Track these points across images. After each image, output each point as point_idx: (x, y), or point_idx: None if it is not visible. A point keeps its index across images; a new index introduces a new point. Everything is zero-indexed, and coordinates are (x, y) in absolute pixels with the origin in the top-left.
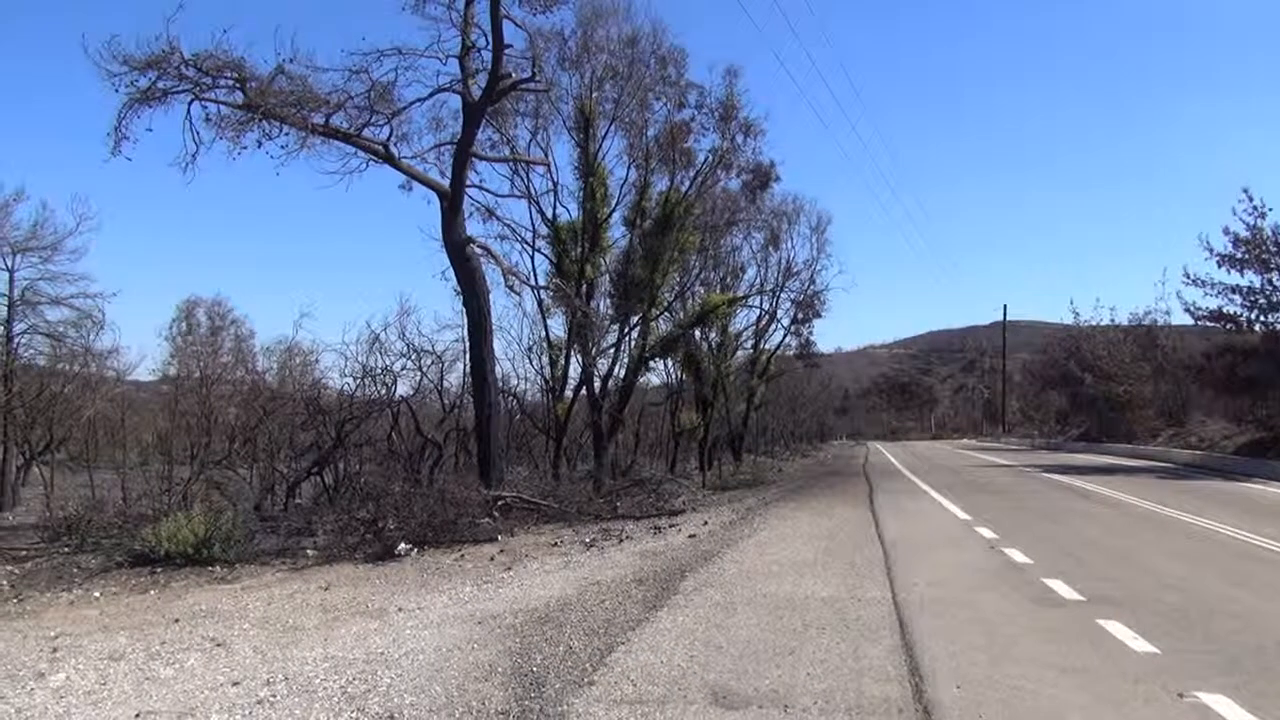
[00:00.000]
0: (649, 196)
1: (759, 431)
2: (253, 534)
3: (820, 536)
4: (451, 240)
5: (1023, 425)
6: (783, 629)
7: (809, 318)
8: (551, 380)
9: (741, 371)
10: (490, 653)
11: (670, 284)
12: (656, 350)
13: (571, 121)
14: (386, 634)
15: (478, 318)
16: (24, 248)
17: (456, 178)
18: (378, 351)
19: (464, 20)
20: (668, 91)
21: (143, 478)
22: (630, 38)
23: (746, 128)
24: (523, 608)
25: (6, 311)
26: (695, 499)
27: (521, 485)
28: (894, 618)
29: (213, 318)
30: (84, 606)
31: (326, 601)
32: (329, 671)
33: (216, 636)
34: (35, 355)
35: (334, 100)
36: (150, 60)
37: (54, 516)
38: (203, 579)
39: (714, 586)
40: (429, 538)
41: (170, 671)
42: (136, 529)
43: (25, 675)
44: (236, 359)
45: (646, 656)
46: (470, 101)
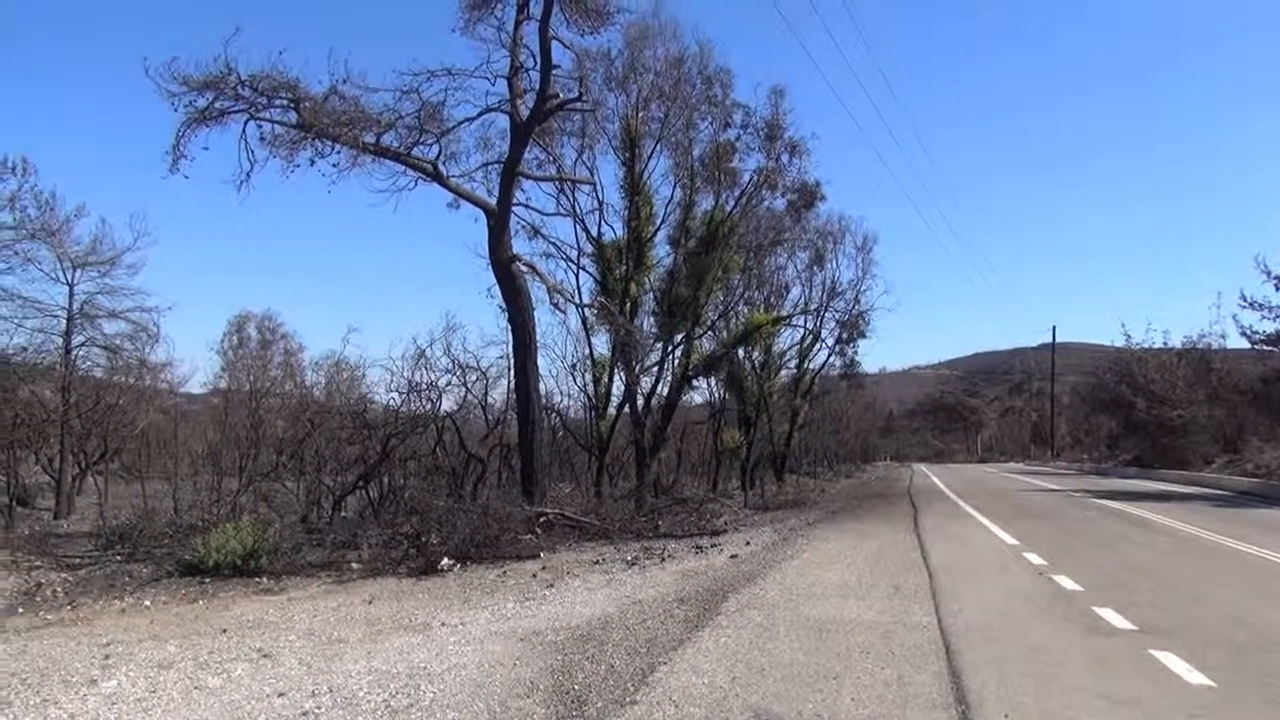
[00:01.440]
0: (693, 215)
1: (802, 452)
2: (299, 546)
3: (864, 559)
4: (498, 258)
5: (1072, 449)
6: (826, 652)
7: (853, 338)
8: (595, 398)
9: (785, 391)
10: (532, 670)
11: (714, 303)
12: (700, 369)
13: (617, 141)
14: (429, 648)
15: (523, 335)
16: (84, 262)
17: (503, 196)
18: (423, 367)
19: (513, 41)
20: (713, 111)
21: (193, 488)
22: (677, 58)
23: (792, 147)
24: (564, 625)
25: (66, 324)
26: (737, 519)
27: (564, 502)
28: (940, 643)
29: (263, 332)
30: (135, 615)
31: (370, 615)
32: (372, 685)
33: (263, 647)
34: (92, 367)
35: (385, 120)
36: (208, 81)
37: (107, 525)
38: (250, 590)
39: (756, 608)
40: (472, 553)
41: (218, 681)
42: (186, 539)
43: (78, 681)
44: (285, 373)
45: (689, 677)
46: (518, 121)
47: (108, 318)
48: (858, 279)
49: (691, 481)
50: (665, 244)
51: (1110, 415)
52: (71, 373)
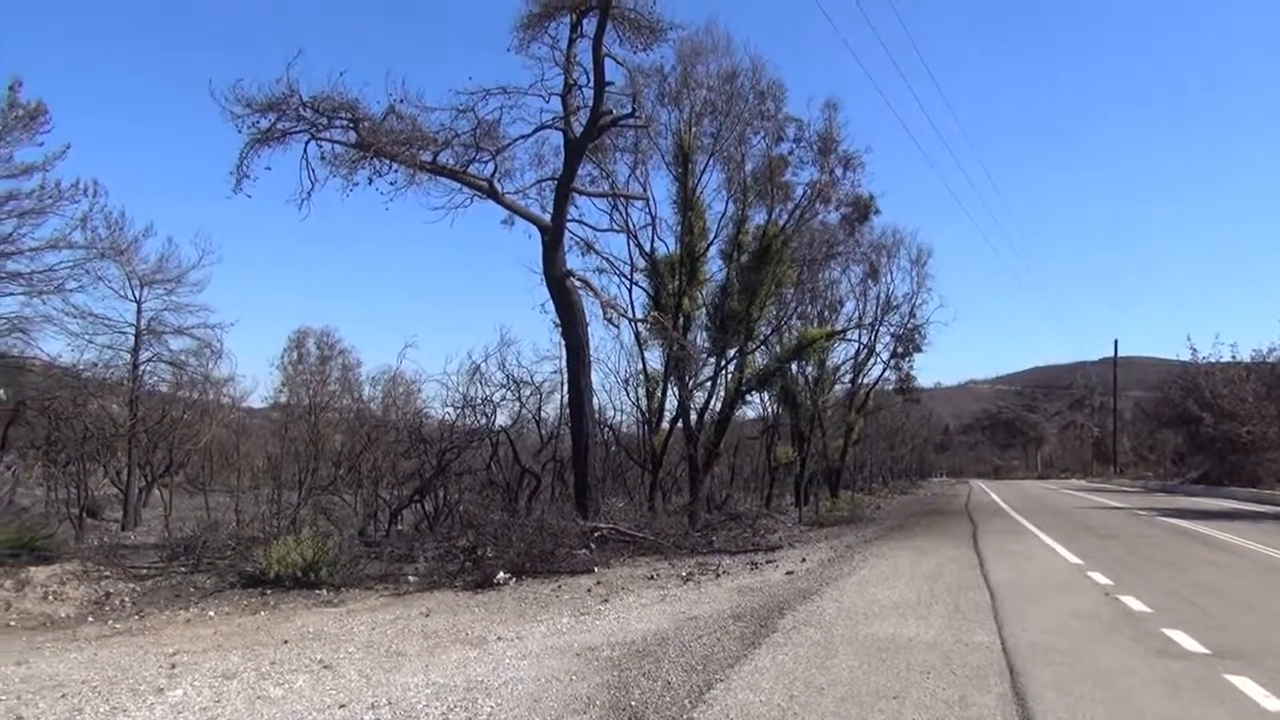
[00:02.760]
0: (746, 230)
1: (856, 467)
2: (357, 559)
3: (923, 577)
4: (552, 274)
5: (1136, 466)
6: (886, 672)
7: (909, 352)
8: (648, 412)
9: (839, 406)
10: (588, 685)
11: (767, 317)
12: (753, 384)
13: (670, 156)
14: (486, 662)
15: (576, 350)
16: (151, 280)
17: (557, 212)
18: (478, 382)
19: (566, 59)
20: (766, 125)
21: (254, 501)
22: (729, 73)
23: (846, 161)
24: (620, 640)
25: (134, 340)
26: (792, 535)
27: (618, 517)
28: (1003, 664)
29: (322, 347)
30: (200, 625)
31: (428, 628)
32: (431, 698)
33: (323, 659)
34: (158, 382)
35: (441, 138)
36: (271, 102)
37: (172, 537)
38: (310, 601)
39: (813, 625)
40: (527, 567)
41: (280, 692)
42: (248, 551)
43: (145, 690)
44: (343, 388)
45: (745, 695)
46: (572, 138)
47: (173, 334)
48: (913, 292)
49: (745, 497)
50: (718, 259)
51: (1176, 431)
52: (139, 388)
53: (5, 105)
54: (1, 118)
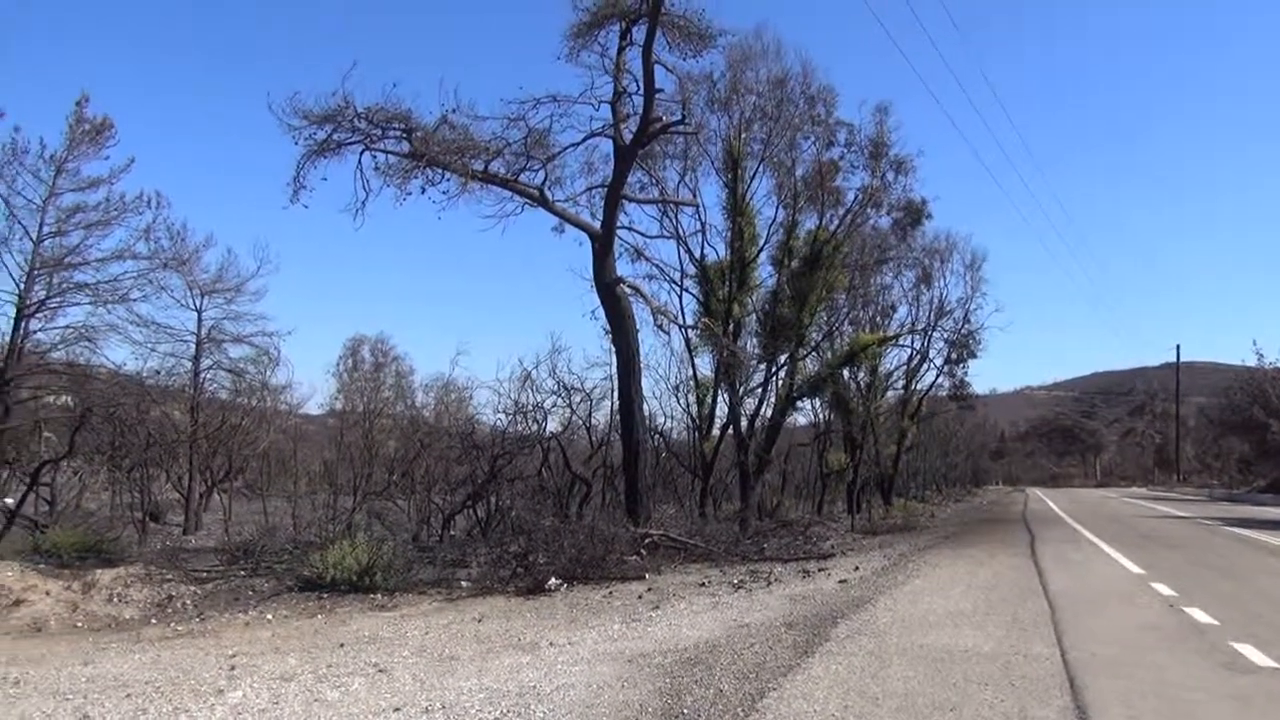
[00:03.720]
0: (797, 235)
1: (909, 475)
2: (411, 564)
3: (979, 587)
4: (602, 280)
5: (1199, 474)
6: (942, 683)
7: (963, 358)
8: (698, 419)
9: (892, 412)
10: (640, 692)
11: (818, 323)
12: (804, 390)
13: (720, 162)
14: (538, 668)
15: (626, 356)
16: (211, 289)
17: (607, 220)
18: (529, 388)
19: (616, 67)
20: (816, 130)
21: (310, 506)
22: (779, 78)
23: (897, 165)
24: (671, 648)
25: (195, 349)
26: (844, 543)
27: (668, 523)
28: (1064, 676)
29: (376, 355)
30: (258, 628)
31: (480, 633)
32: (484, 703)
33: (378, 662)
34: (218, 389)
35: (493, 147)
36: (327, 114)
37: (232, 541)
38: (365, 606)
39: (867, 635)
40: (578, 573)
41: (336, 694)
42: (305, 555)
43: (206, 691)
44: (397, 394)
45: (799, 704)
46: (621, 145)
47: (233, 342)
48: (967, 297)
49: (796, 504)
50: (768, 264)
51: (1241, 438)
52: (199, 395)
53: (72, 120)
54: (69, 132)
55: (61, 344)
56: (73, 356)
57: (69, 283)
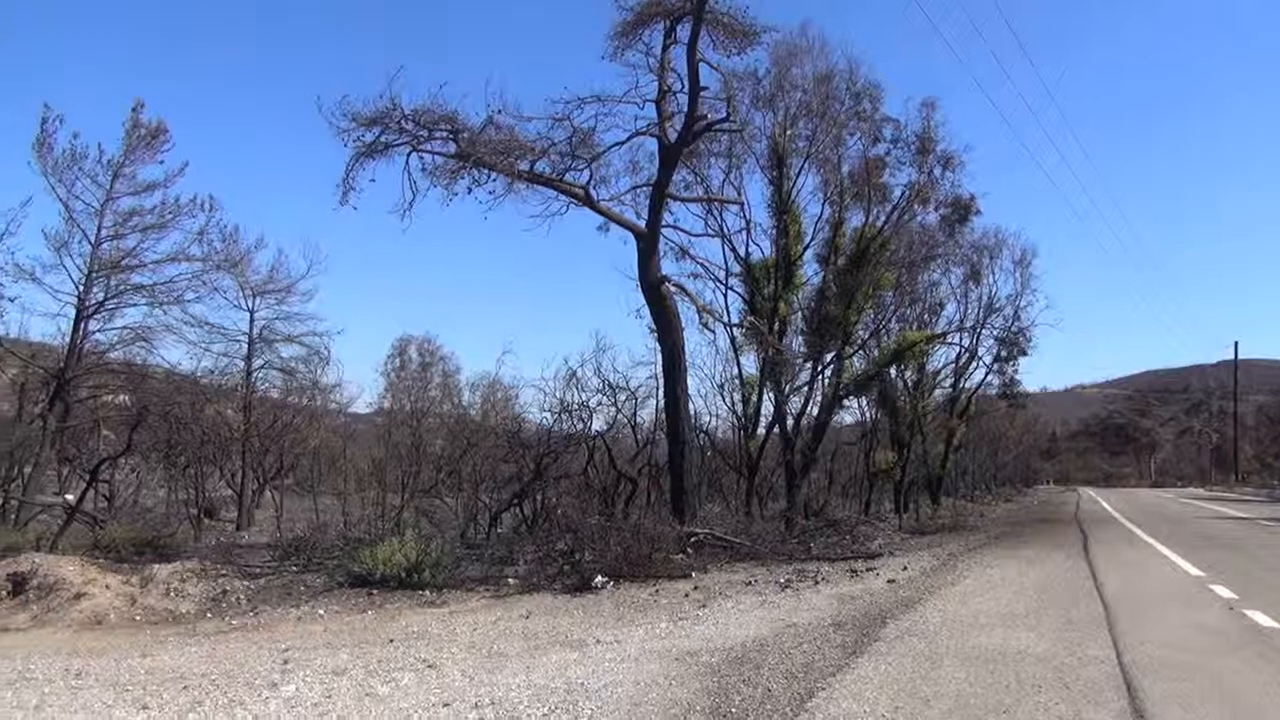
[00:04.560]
0: (843, 233)
1: (958, 474)
2: (458, 561)
3: (1031, 587)
4: (647, 280)
5: (1259, 474)
6: (994, 685)
7: (1013, 355)
8: (744, 417)
9: (940, 411)
10: (688, 690)
11: (865, 321)
12: (850, 388)
13: (765, 160)
14: (586, 665)
15: (672, 355)
16: (263, 290)
17: (652, 219)
18: (574, 387)
19: (661, 66)
20: (862, 127)
21: (360, 503)
22: (825, 75)
23: (945, 161)
24: (719, 646)
25: (247, 348)
26: (892, 542)
27: (714, 522)
28: (1120, 680)
29: (423, 354)
30: (310, 623)
31: (528, 629)
32: (532, 699)
33: (428, 658)
34: (270, 388)
35: (538, 147)
36: (375, 116)
37: (283, 538)
38: (414, 602)
39: (917, 635)
40: (624, 571)
41: (387, 689)
42: (355, 552)
43: (261, 685)
44: (444, 393)
45: (849, 704)
46: (666, 144)
47: (284, 342)
48: (1016, 294)
49: (842, 503)
50: (814, 262)
51: None
52: (252, 393)
53: (129, 126)
54: (125, 137)
55: (119, 344)
56: (130, 356)
57: (126, 285)
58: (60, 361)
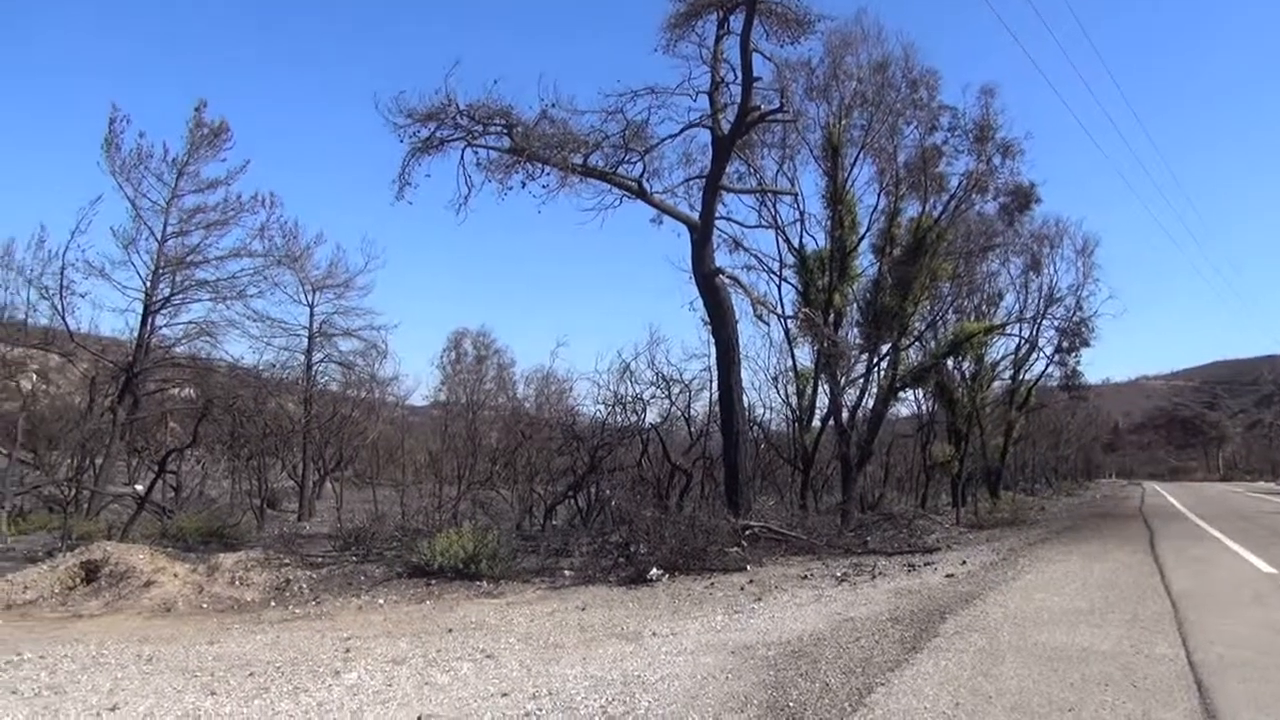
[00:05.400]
0: (899, 223)
1: (1017, 467)
2: (514, 552)
3: (1095, 584)
4: (701, 271)
5: None
6: (1058, 682)
7: (1075, 346)
8: (798, 410)
9: (998, 403)
10: (745, 684)
11: (921, 312)
12: (907, 380)
13: (819, 150)
14: (642, 657)
15: (725, 347)
16: (322, 285)
17: (706, 210)
18: (628, 380)
19: (713, 57)
20: (919, 115)
21: (417, 495)
22: (880, 63)
23: (1004, 149)
24: (775, 640)
25: (307, 342)
26: (950, 536)
27: (769, 515)
28: (1190, 679)
29: (478, 347)
30: (370, 612)
31: (584, 621)
32: (589, 690)
33: (485, 648)
34: (329, 382)
35: (591, 140)
36: (430, 112)
37: (344, 528)
38: (471, 592)
39: (977, 631)
40: (679, 564)
41: (446, 678)
42: (413, 543)
43: (324, 672)
44: (498, 386)
45: (908, 700)
46: (719, 135)
47: (342, 336)
48: (1078, 284)
49: (899, 497)
50: (869, 253)
51: None
52: (312, 387)
53: (192, 125)
54: (189, 136)
55: (185, 339)
56: (195, 351)
57: (191, 280)
58: (129, 356)
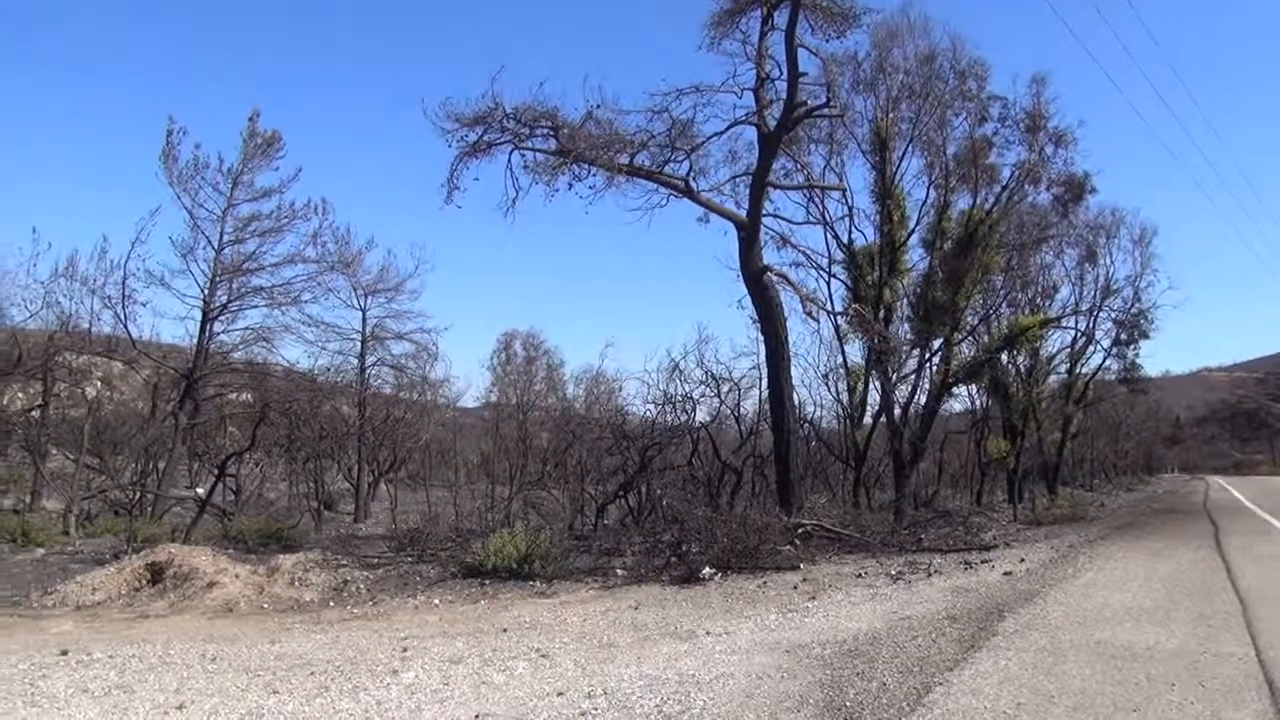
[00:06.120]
0: (949, 216)
1: (1075, 463)
2: (567, 552)
3: (1159, 581)
4: (749, 269)
5: None
6: (1123, 681)
7: (1133, 339)
8: (849, 407)
9: (1055, 398)
10: (800, 684)
11: (974, 306)
12: (960, 376)
13: (866, 144)
14: (696, 656)
15: (775, 345)
16: (373, 289)
17: (753, 208)
18: (677, 379)
19: (758, 54)
20: (968, 106)
21: (470, 496)
22: (927, 55)
23: (1057, 138)
24: (830, 639)
25: (360, 346)
26: (1007, 534)
27: (821, 513)
28: (1260, 678)
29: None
30: (426, 612)
31: (637, 620)
32: (644, 689)
33: (540, 647)
34: (382, 384)
35: (638, 140)
36: (477, 116)
37: (398, 529)
38: (524, 592)
39: (1037, 629)
40: (731, 563)
41: (502, 678)
42: (467, 543)
43: (382, 671)
44: (548, 387)
45: (968, 700)
46: (766, 132)
47: (394, 339)
48: (1136, 275)
49: (953, 494)
50: (919, 247)
51: None
52: (365, 390)
53: (246, 134)
54: (243, 146)
55: (242, 345)
56: (251, 356)
57: (247, 287)
58: (189, 362)
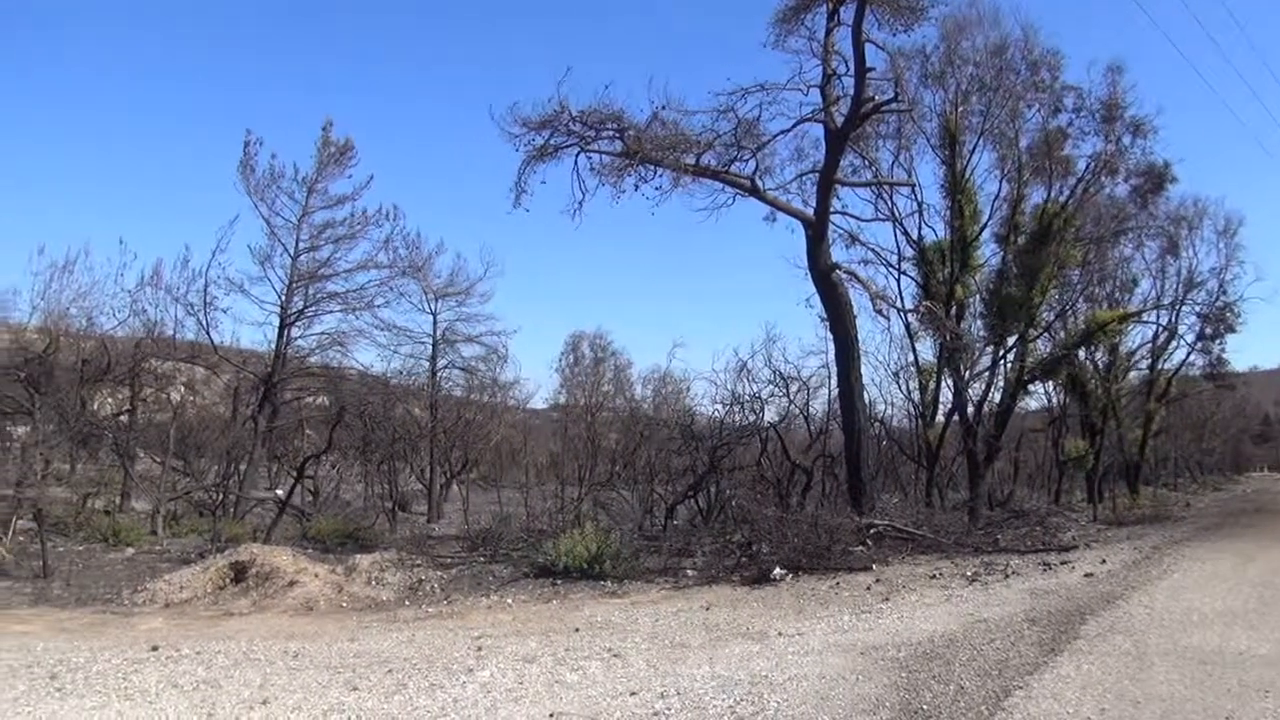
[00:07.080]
0: (1022, 210)
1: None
2: (637, 552)
3: (1249, 583)
4: (817, 267)
5: None
6: (1213, 688)
7: (1219, 333)
8: (921, 405)
9: (1135, 394)
10: (876, 686)
11: (1049, 302)
12: (1036, 373)
13: (936, 139)
14: (768, 657)
15: (844, 343)
16: (444, 293)
17: (820, 206)
18: (745, 379)
19: (824, 50)
20: (1041, 98)
21: (540, 496)
22: (998, 46)
23: (1135, 127)
24: (905, 641)
25: (431, 349)
26: (1086, 534)
27: (893, 513)
28: None
29: (595, 350)
30: (499, 611)
31: (708, 621)
32: (716, 690)
33: (612, 647)
34: (453, 387)
35: (703, 140)
36: (544, 120)
37: (471, 530)
38: (595, 592)
39: (1121, 633)
40: (802, 564)
41: (575, 677)
42: (538, 543)
43: (457, 670)
44: (616, 388)
45: (1049, 704)
46: (832, 129)
47: (465, 342)
48: (1221, 267)
49: (1029, 494)
50: (991, 242)
51: None
52: (437, 392)
53: (320, 144)
54: (317, 155)
55: (318, 349)
56: (327, 360)
57: (322, 293)
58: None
